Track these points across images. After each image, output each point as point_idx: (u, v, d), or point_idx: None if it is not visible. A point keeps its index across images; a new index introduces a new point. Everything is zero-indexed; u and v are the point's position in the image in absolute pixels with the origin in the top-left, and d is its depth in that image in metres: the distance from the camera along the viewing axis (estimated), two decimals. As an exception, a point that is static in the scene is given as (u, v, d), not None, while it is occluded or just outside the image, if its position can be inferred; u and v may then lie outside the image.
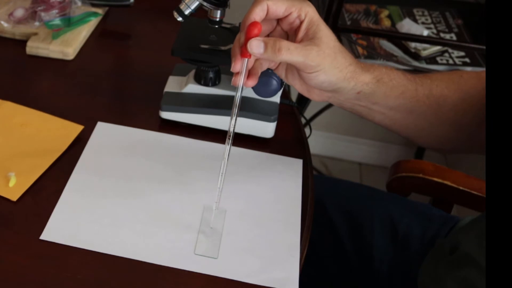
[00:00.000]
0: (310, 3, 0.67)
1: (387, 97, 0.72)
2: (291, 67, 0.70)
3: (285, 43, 0.63)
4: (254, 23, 0.63)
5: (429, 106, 0.74)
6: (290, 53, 0.63)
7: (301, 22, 0.66)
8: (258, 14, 0.64)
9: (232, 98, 0.84)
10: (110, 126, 0.83)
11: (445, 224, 0.90)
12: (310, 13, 0.65)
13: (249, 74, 0.67)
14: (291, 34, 0.69)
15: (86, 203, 0.72)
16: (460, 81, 0.76)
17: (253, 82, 0.68)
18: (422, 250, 0.87)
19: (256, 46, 0.63)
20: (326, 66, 0.66)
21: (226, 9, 0.78)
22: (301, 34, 0.66)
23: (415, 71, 1.26)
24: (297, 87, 0.72)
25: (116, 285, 0.64)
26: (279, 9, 0.65)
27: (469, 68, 1.30)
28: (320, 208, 0.91)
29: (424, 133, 0.78)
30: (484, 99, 0.74)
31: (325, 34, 0.66)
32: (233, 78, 0.67)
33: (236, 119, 0.68)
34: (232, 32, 0.83)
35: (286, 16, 0.66)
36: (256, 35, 0.63)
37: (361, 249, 0.90)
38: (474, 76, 0.77)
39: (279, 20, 0.68)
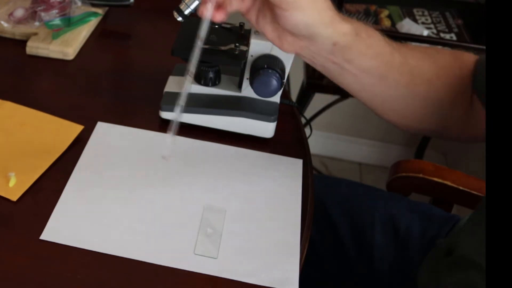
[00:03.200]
0: None
1: (362, 55, 0.68)
2: (263, 10, 0.66)
3: None
4: None
5: (402, 74, 0.71)
6: None
7: None
8: None
9: (232, 98, 0.84)
10: (110, 126, 0.83)
11: (446, 224, 0.90)
12: None
13: (218, 7, 0.63)
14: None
15: (86, 203, 0.72)
16: (437, 56, 0.74)
17: (221, 15, 0.63)
18: (422, 249, 0.87)
19: None
20: (303, 3, 0.61)
21: (226, 9, 0.78)
22: None
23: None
24: (268, 34, 0.67)
25: (116, 285, 0.64)
26: None
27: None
28: (321, 208, 0.90)
29: (394, 106, 0.74)
30: (459, 79, 0.72)
31: None
32: (199, 9, 0.63)
33: (200, 54, 0.64)
34: (232, 32, 0.83)
35: None
36: None
37: (361, 249, 0.90)
38: (450, 54, 0.75)
39: None
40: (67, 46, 0.95)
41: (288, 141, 0.86)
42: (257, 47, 0.79)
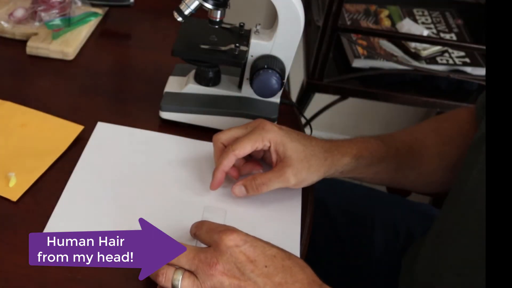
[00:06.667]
0: (269, 126, 0.72)
1: (369, 166, 0.75)
2: None
3: (261, 180, 0.71)
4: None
5: (413, 159, 0.77)
6: (268, 186, 0.71)
7: (269, 147, 0.72)
8: (227, 166, 0.72)
9: (232, 98, 0.84)
10: (110, 126, 0.83)
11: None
12: (273, 138, 0.71)
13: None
14: (266, 152, 0.76)
15: (86, 203, 0.72)
16: (438, 126, 0.81)
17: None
18: None
19: (239, 191, 0.72)
20: (304, 177, 0.71)
21: (226, 9, 0.78)
22: (273, 156, 0.72)
23: (416, 71, 1.26)
24: None
25: (116, 285, 0.64)
26: (246, 151, 0.71)
27: (469, 68, 1.29)
28: (322, 208, 0.91)
29: (423, 182, 0.81)
30: (461, 136, 0.78)
31: (293, 149, 0.71)
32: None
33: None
34: (232, 32, 0.83)
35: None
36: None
37: (361, 250, 0.90)
38: (450, 119, 0.81)
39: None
40: (67, 46, 0.95)
41: (288, 141, 0.86)
42: (257, 47, 0.79)
